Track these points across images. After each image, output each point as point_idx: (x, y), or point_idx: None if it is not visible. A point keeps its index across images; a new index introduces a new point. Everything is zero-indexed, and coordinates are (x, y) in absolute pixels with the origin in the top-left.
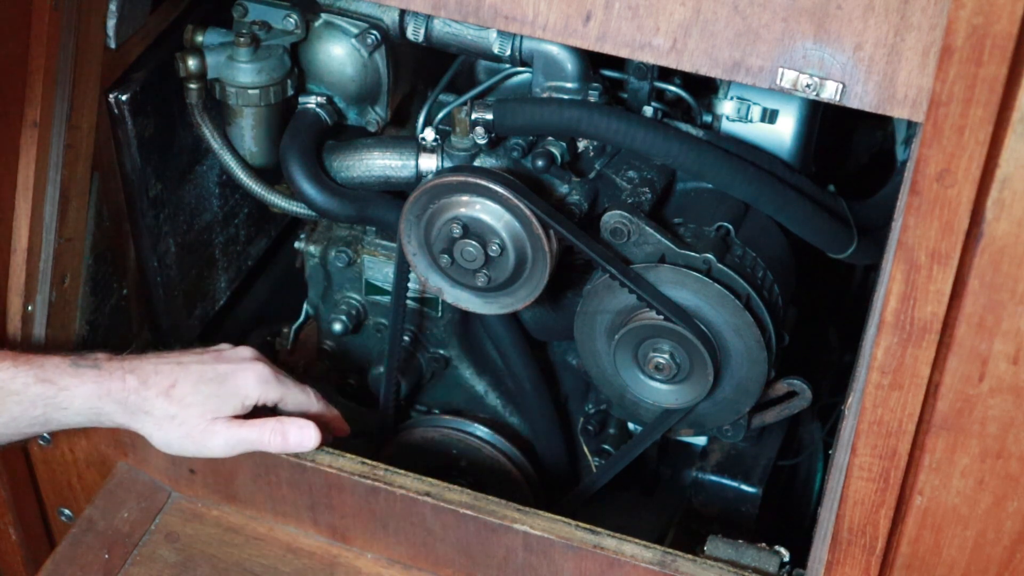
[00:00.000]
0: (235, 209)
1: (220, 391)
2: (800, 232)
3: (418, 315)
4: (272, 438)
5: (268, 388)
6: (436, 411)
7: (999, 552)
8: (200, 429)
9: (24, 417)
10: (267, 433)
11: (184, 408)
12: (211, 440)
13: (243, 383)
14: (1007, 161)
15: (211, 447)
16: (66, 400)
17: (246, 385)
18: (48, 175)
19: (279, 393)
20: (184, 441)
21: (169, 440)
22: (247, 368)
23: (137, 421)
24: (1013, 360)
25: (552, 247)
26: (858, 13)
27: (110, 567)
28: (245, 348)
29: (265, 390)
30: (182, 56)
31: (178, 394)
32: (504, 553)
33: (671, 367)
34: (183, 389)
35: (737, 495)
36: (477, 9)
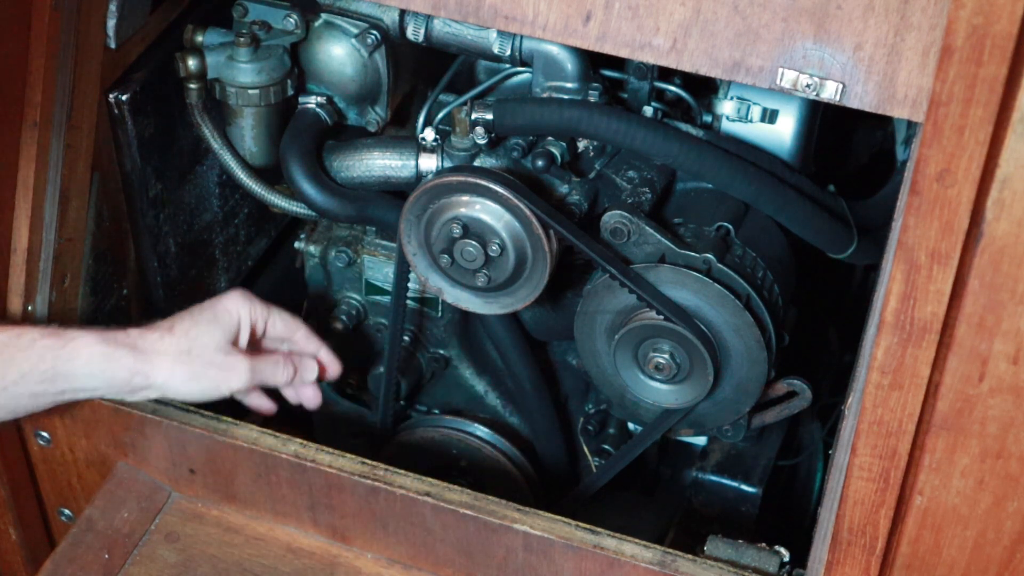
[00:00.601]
0: (235, 209)
1: (214, 315)
2: (800, 232)
3: (418, 315)
4: (285, 370)
5: (254, 304)
6: (436, 411)
7: (999, 552)
8: (219, 361)
9: (33, 373)
10: (280, 365)
11: (193, 340)
12: (232, 370)
13: (230, 304)
14: (1007, 161)
15: (233, 381)
16: (73, 350)
17: (234, 304)
18: (48, 175)
19: (265, 310)
20: (203, 378)
21: (188, 382)
22: (229, 293)
23: (151, 364)
24: (1013, 360)
25: (552, 247)
26: (858, 13)
27: (110, 567)
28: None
29: (252, 306)
30: (182, 56)
31: (180, 329)
32: (504, 553)
33: (671, 367)
34: (183, 326)
35: (737, 495)
36: (477, 9)
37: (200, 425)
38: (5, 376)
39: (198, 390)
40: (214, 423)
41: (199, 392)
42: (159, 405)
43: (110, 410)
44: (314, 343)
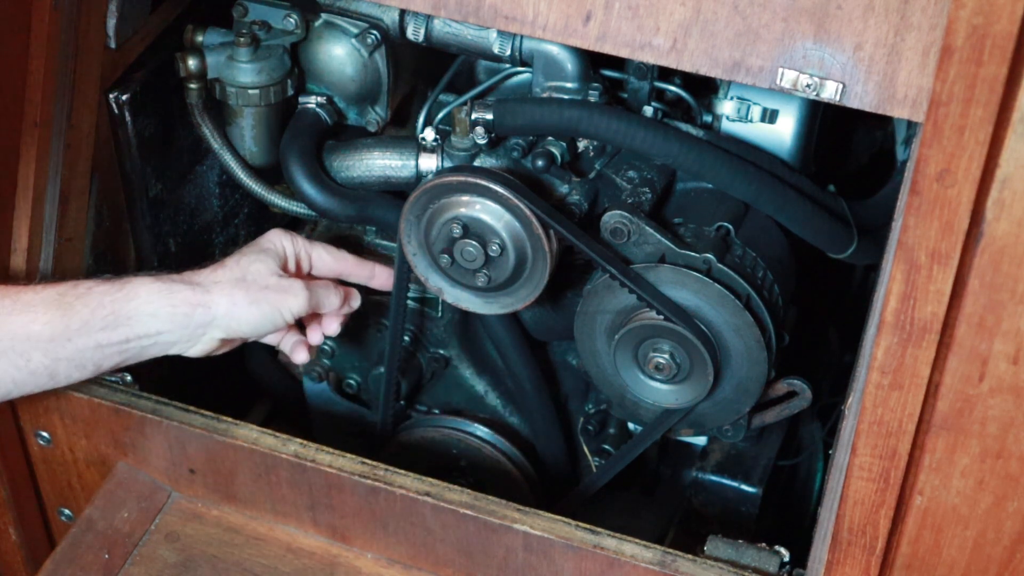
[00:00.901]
0: (235, 209)
1: (261, 249)
2: (800, 232)
3: (418, 315)
4: (337, 294)
5: (295, 238)
6: (436, 411)
7: (999, 552)
8: (274, 283)
9: (95, 320)
10: (332, 289)
11: (246, 268)
12: (289, 290)
13: (273, 236)
14: (1007, 161)
15: (290, 299)
16: (131, 290)
17: (276, 236)
18: (48, 175)
19: (308, 244)
20: (266, 295)
21: (251, 299)
22: (269, 231)
23: (210, 293)
24: (1013, 360)
25: (552, 247)
26: (858, 13)
27: (110, 567)
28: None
29: (294, 239)
30: (182, 56)
31: (230, 263)
32: (504, 553)
33: (671, 367)
34: (232, 260)
35: (737, 495)
36: (477, 9)
37: (200, 425)
38: (69, 326)
39: (259, 315)
40: (214, 423)
41: (260, 318)
42: (159, 405)
43: (110, 410)
44: (367, 267)
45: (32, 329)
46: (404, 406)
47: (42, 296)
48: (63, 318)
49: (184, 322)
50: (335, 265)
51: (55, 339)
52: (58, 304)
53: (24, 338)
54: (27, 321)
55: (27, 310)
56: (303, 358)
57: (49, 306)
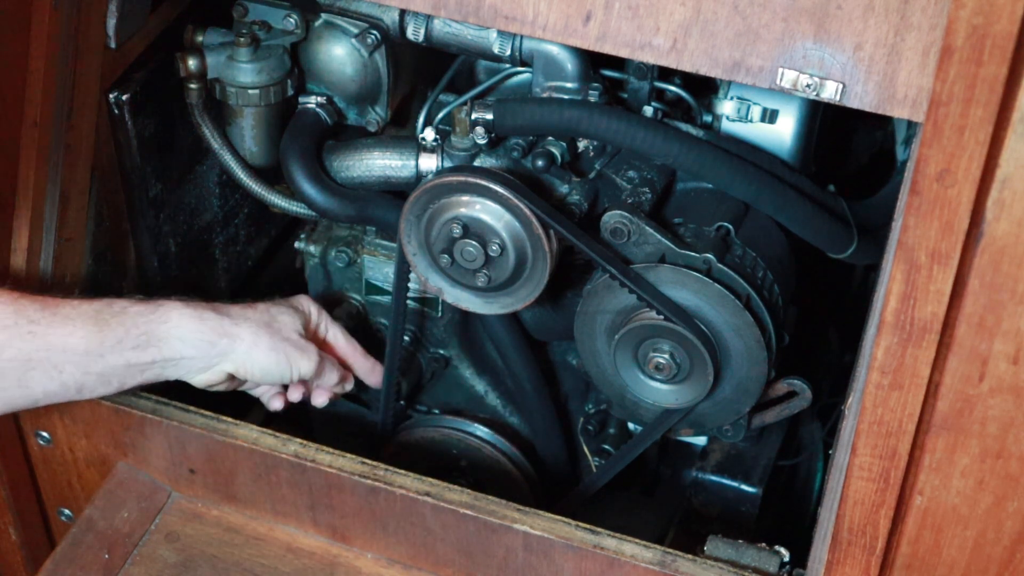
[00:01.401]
0: (235, 209)
1: (292, 307)
2: (800, 232)
3: (418, 315)
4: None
5: (322, 310)
6: (436, 411)
7: (999, 552)
8: (295, 340)
9: (128, 338)
10: (336, 367)
11: (274, 317)
12: (306, 352)
13: (304, 300)
14: (1007, 161)
15: (302, 364)
16: (164, 314)
17: (307, 301)
18: (48, 175)
19: (329, 320)
20: (278, 353)
21: (272, 346)
22: (300, 295)
23: (238, 326)
24: (1013, 360)
25: (552, 247)
26: (858, 13)
27: (110, 567)
28: None
29: (320, 310)
30: (182, 56)
31: (262, 307)
32: (504, 553)
33: (671, 367)
34: (263, 305)
35: (737, 495)
36: (477, 9)
37: (200, 425)
38: (103, 342)
39: (273, 363)
40: (214, 423)
41: (273, 366)
42: (159, 405)
43: (110, 410)
44: (369, 362)
45: (69, 342)
46: (404, 406)
47: (80, 311)
48: (99, 334)
49: (207, 350)
50: (345, 348)
51: (89, 353)
52: (95, 320)
53: (60, 350)
54: (65, 334)
55: (66, 323)
56: (278, 406)
57: (87, 321)
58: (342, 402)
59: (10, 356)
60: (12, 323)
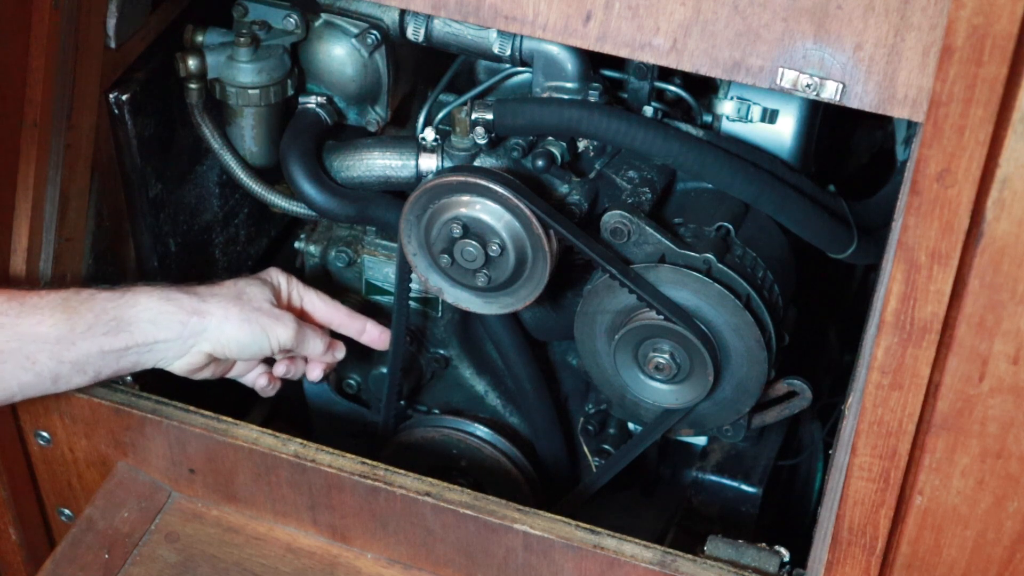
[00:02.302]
0: (235, 209)
1: (259, 280)
2: (800, 232)
3: (418, 315)
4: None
5: (292, 277)
6: (436, 411)
7: (999, 552)
8: (268, 309)
9: (98, 324)
10: (320, 335)
11: (242, 289)
12: (281, 320)
13: (272, 271)
14: (1007, 161)
15: (279, 332)
16: (132, 296)
17: (275, 272)
18: (48, 175)
19: (303, 286)
20: (252, 324)
21: (244, 318)
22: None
23: (207, 302)
24: (1013, 360)
25: (552, 247)
26: (858, 13)
27: (110, 567)
28: None
29: (290, 277)
30: (182, 56)
31: (228, 282)
32: (504, 553)
33: (671, 367)
34: (230, 281)
35: (737, 495)
36: (477, 9)
37: (200, 425)
38: (74, 328)
39: (248, 335)
40: (214, 423)
41: (249, 338)
42: (159, 405)
43: (110, 410)
44: (359, 321)
45: (39, 331)
46: (404, 406)
47: (47, 300)
48: (68, 321)
49: (179, 331)
50: (326, 312)
51: (61, 341)
52: (63, 307)
53: (31, 339)
54: (34, 323)
55: (34, 312)
56: (263, 384)
57: (55, 309)
58: (342, 402)
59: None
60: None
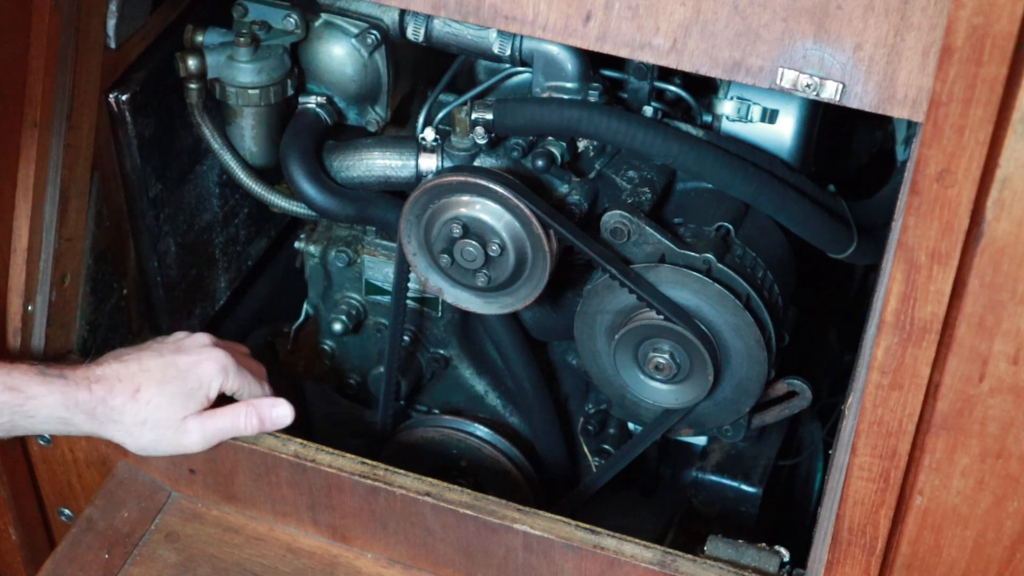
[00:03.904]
0: (235, 209)
1: (184, 388)
2: (800, 232)
3: (418, 315)
4: (248, 422)
5: (228, 377)
6: (436, 411)
7: (999, 552)
8: (172, 429)
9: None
10: (241, 418)
11: (153, 411)
12: (186, 438)
13: (205, 374)
14: (1007, 161)
15: (187, 444)
16: (33, 409)
17: (208, 376)
18: (48, 175)
19: (239, 383)
20: (159, 443)
21: (143, 444)
22: (207, 358)
23: (107, 430)
24: (1013, 360)
25: (552, 247)
26: (858, 13)
27: (110, 567)
28: (202, 335)
29: (226, 379)
30: (182, 56)
31: (144, 398)
32: (504, 553)
33: (671, 367)
34: (148, 393)
35: (737, 495)
36: (477, 9)
37: None
38: None
39: (153, 452)
40: None
41: (154, 453)
42: None
43: None
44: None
45: None
46: (404, 406)
47: None
48: None
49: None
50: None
51: None
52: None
53: None
54: None
55: None
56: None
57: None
58: (342, 402)
59: None
60: None
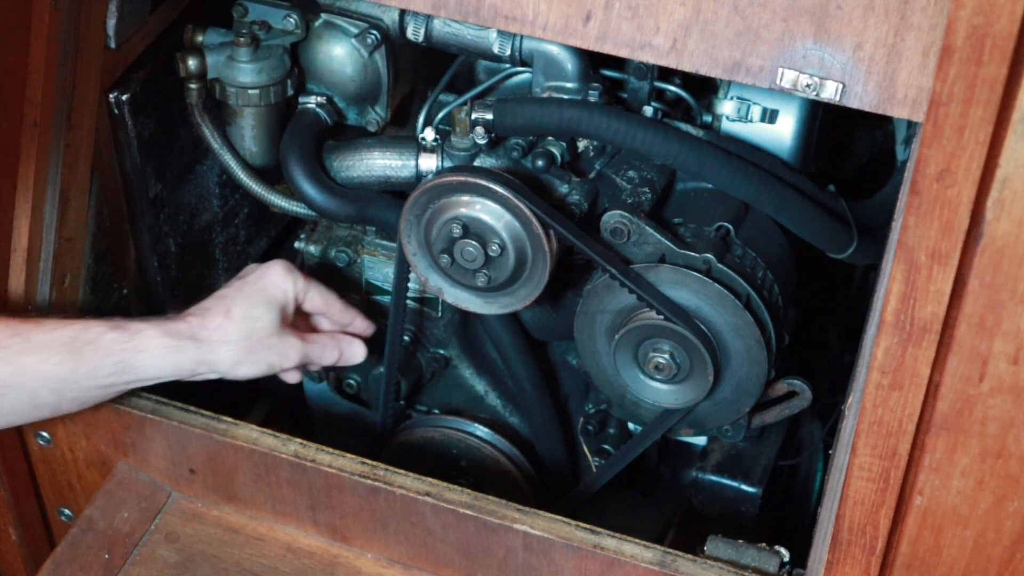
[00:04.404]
0: (235, 209)
1: (267, 296)
2: (800, 232)
3: (418, 315)
4: (330, 353)
5: (297, 279)
6: (436, 411)
7: (999, 552)
8: (274, 343)
9: (104, 366)
10: (327, 348)
11: (253, 322)
12: (287, 352)
13: (276, 278)
14: (1007, 161)
15: (286, 360)
16: (141, 342)
17: (280, 279)
18: (48, 175)
19: (306, 284)
20: (265, 354)
21: (251, 360)
22: (269, 266)
23: (215, 353)
24: (1013, 360)
25: (552, 247)
26: (858, 13)
27: (110, 567)
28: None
29: (295, 281)
30: (182, 56)
31: (238, 314)
32: (504, 553)
33: (671, 367)
34: (239, 309)
35: (737, 495)
36: (477, 9)
37: (200, 425)
38: (78, 369)
39: (255, 371)
40: (214, 423)
41: (255, 372)
42: (159, 405)
43: (110, 410)
44: (348, 315)
45: (43, 369)
46: (404, 406)
47: (53, 337)
48: (73, 362)
49: (185, 374)
50: (323, 308)
51: (64, 380)
52: (69, 348)
53: (34, 377)
54: (38, 361)
55: (39, 350)
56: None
57: (60, 348)
58: (342, 402)
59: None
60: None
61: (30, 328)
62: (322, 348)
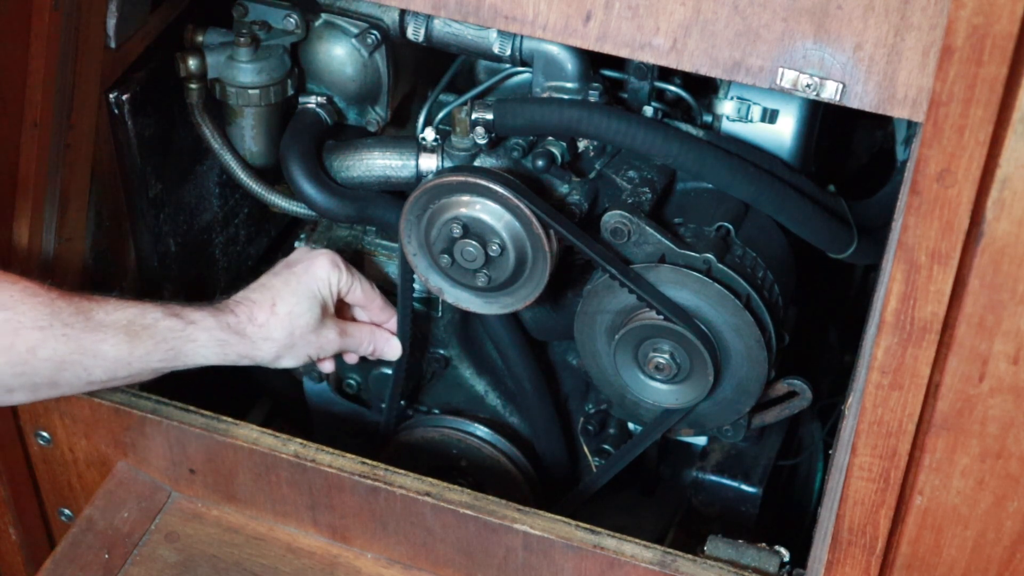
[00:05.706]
0: (235, 209)
1: (311, 289)
2: (800, 232)
3: (418, 315)
4: (367, 347)
5: (342, 274)
6: (436, 411)
7: (999, 552)
8: (314, 338)
9: (157, 351)
10: (365, 342)
11: (296, 319)
12: (325, 345)
13: (321, 271)
14: (1007, 161)
15: (324, 351)
16: (194, 332)
17: (324, 272)
18: (48, 175)
19: (350, 278)
20: (305, 348)
21: (293, 354)
22: (316, 256)
23: (259, 349)
24: (1013, 360)
25: (552, 247)
26: (858, 13)
27: (110, 567)
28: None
29: (340, 276)
30: (182, 56)
31: (282, 310)
32: (504, 553)
33: (671, 367)
34: (285, 305)
35: (737, 495)
36: (477, 9)
37: (200, 425)
38: (132, 352)
39: (294, 363)
40: (214, 423)
41: (294, 364)
42: (159, 405)
43: (110, 410)
44: (387, 313)
45: (100, 348)
46: (404, 406)
47: (112, 319)
48: (128, 344)
49: (228, 363)
50: (364, 302)
51: (118, 360)
52: (126, 331)
53: (92, 355)
54: (96, 340)
55: (98, 330)
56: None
57: (118, 331)
58: (342, 402)
59: (45, 356)
60: (48, 324)
61: (91, 307)
62: (358, 341)
